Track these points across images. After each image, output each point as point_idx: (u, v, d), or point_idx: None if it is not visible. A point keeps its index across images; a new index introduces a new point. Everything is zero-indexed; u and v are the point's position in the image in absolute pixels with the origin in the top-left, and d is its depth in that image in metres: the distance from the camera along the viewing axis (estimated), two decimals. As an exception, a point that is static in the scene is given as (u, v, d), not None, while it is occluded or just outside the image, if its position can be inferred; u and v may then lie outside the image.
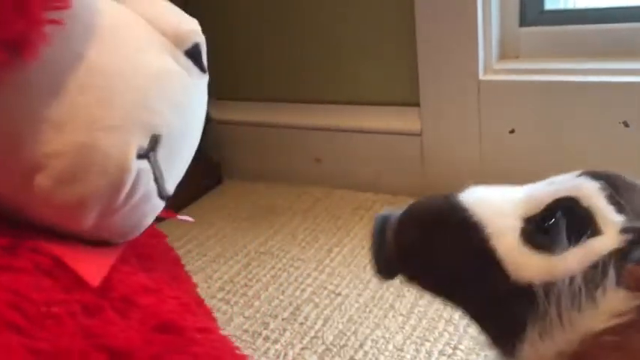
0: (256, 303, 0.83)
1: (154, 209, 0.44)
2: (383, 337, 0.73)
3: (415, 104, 1.06)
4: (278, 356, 0.72)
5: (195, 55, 0.44)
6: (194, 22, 0.45)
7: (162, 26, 0.42)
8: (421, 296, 0.79)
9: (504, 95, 0.99)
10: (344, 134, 1.14)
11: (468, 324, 0.73)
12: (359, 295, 0.82)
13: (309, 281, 0.87)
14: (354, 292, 0.83)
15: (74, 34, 0.38)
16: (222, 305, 0.83)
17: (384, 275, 0.46)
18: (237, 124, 1.24)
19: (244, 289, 0.86)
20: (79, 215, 0.39)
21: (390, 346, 0.72)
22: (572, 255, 0.38)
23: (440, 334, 0.73)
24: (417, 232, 0.44)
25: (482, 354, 0.68)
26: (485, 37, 0.99)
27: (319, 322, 0.77)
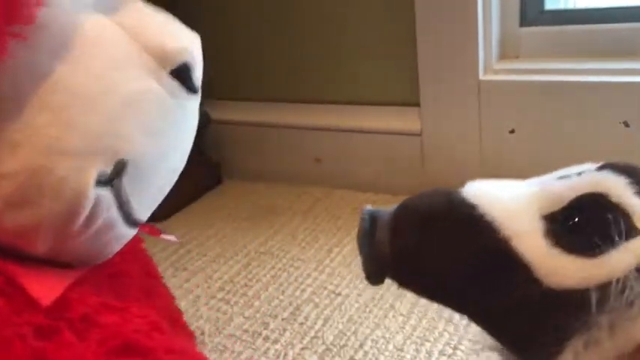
0: (256, 303, 0.83)
1: (119, 237, 0.41)
2: (383, 337, 0.73)
3: (415, 104, 1.06)
4: (278, 356, 0.72)
5: (182, 75, 0.41)
6: (186, 39, 0.42)
7: (148, 43, 0.40)
8: (421, 296, 0.79)
9: (504, 95, 0.99)
10: (344, 134, 1.14)
11: (468, 324, 0.73)
12: (359, 295, 0.82)
13: (309, 281, 0.87)
14: (354, 292, 0.83)
15: (41, 48, 0.35)
16: (222, 305, 0.83)
17: (375, 280, 0.42)
18: (237, 124, 1.24)
19: (244, 289, 0.86)
20: (31, 239, 0.38)
21: (390, 346, 0.72)
22: (614, 257, 0.34)
23: (440, 334, 0.73)
24: (417, 232, 0.39)
25: (482, 354, 0.68)
26: (486, 37, 0.99)
27: (319, 322, 0.77)
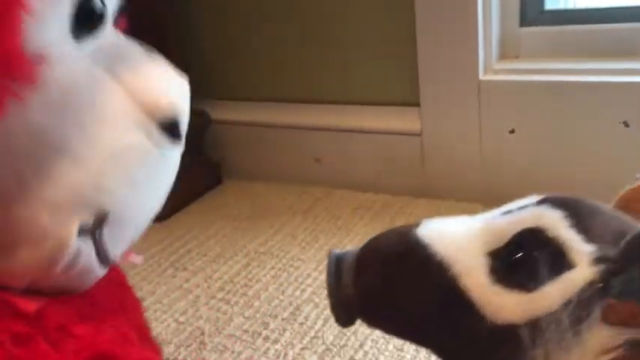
0: (256, 303, 0.83)
1: (94, 277, 0.41)
2: (383, 337, 0.73)
3: (415, 104, 1.06)
4: (278, 356, 0.72)
5: (172, 129, 0.40)
6: (178, 90, 0.42)
7: (141, 97, 0.39)
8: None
9: (504, 95, 0.99)
10: (344, 134, 1.14)
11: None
12: (359, 295, 0.82)
13: (309, 281, 0.87)
14: (354, 292, 0.83)
15: (34, 104, 0.34)
16: (222, 305, 0.83)
17: (344, 323, 0.42)
18: (237, 124, 1.24)
19: (244, 289, 0.86)
20: (8, 280, 0.37)
21: (390, 346, 0.72)
22: (550, 291, 0.36)
23: (440, 334, 0.73)
24: (377, 273, 0.40)
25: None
26: (486, 37, 0.99)
27: (319, 322, 0.77)
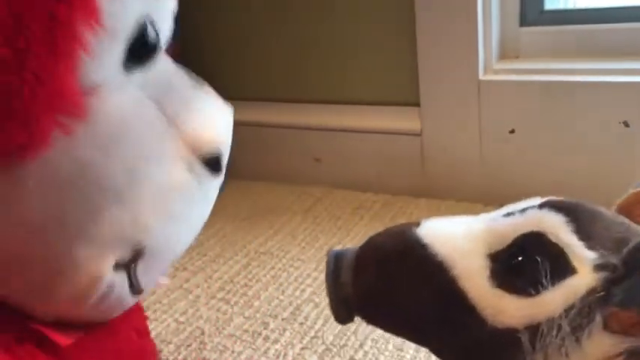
0: (256, 303, 0.83)
1: (125, 306, 0.42)
2: (383, 336, 0.73)
3: (415, 104, 1.06)
4: (278, 356, 0.72)
5: (213, 163, 0.41)
6: (223, 124, 0.42)
7: (186, 132, 0.39)
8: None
9: (504, 95, 0.99)
10: (344, 134, 1.14)
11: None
12: (359, 295, 0.82)
13: (309, 281, 0.87)
14: (354, 292, 0.83)
15: (79, 140, 0.34)
16: (222, 305, 0.83)
17: (343, 320, 0.42)
18: (237, 123, 1.23)
19: (244, 289, 0.86)
20: (40, 313, 0.38)
21: (390, 346, 0.72)
22: (551, 296, 0.36)
23: (440, 334, 0.73)
24: (376, 272, 0.40)
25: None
26: (485, 37, 0.99)
27: (319, 322, 0.77)
